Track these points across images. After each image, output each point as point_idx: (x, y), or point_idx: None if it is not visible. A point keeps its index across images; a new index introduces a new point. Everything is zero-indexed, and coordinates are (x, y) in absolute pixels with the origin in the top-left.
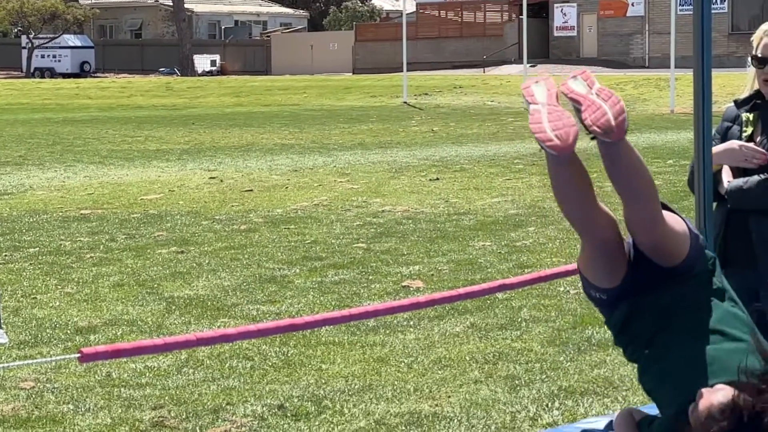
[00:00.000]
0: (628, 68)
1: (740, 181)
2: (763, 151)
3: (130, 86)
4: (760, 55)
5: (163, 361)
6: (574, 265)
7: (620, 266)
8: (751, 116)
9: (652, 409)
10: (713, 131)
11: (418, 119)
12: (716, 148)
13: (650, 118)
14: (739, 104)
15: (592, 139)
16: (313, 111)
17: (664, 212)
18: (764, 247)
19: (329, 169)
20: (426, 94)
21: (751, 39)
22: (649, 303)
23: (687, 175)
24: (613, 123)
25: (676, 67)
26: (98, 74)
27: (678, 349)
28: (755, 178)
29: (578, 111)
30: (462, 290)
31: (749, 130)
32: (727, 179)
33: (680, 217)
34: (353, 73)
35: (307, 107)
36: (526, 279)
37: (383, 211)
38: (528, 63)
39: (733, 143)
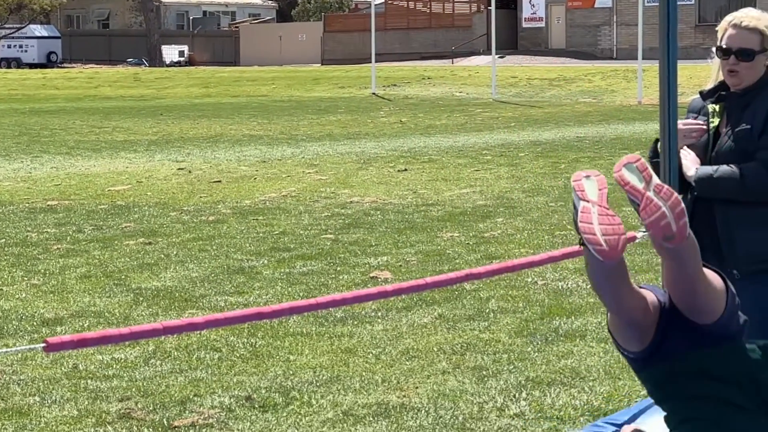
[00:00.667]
0: (596, 59)
1: (710, 170)
2: (701, 122)
3: (97, 77)
4: (724, 46)
5: (131, 353)
6: (541, 256)
7: (649, 331)
8: (717, 107)
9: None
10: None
11: (386, 110)
12: None
13: (618, 109)
14: (704, 95)
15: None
16: (281, 102)
17: (704, 269)
18: (729, 236)
19: (298, 161)
20: (395, 85)
21: (717, 29)
22: (690, 365)
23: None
24: (674, 228)
25: (643, 58)
26: (65, 65)
27: (731, 421)
28: (725, 168)
29: (635, 205)
30: (429, 279)
31: (716, 121)
32: (694, 166)
33: (719, 274)
34: (322, 64)
35: (275, 98)
36: (493, 269)
37: (351, 202)
38: (496, 54)
39: (678, 123)
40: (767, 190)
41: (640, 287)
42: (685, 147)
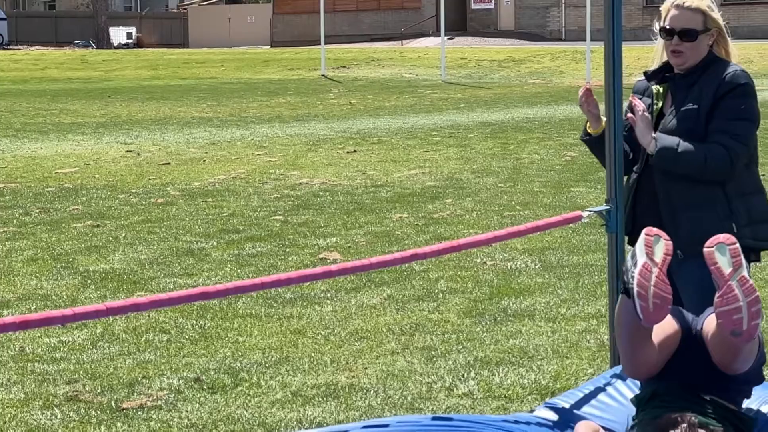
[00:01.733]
0: (544, 41)
1: (673, 142)
2: (642, 106)
3: (44, 59)
4: (668, 27)
5: (78, 336)
6: (486, 235)
7: (662, 362)
8: (660, 88)
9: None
10: (624, 107)
11: (336, 92)
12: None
13: (567, 90)
14: (649, 76)
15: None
16: (230, 84)
17: None
18: (672, 217)
19: (247, 142)
20: (344, 67)
21: (660, 9)
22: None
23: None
24: (744, 326)
25: (591, 39)
26: (11, 47)
27: None
28: (688, 144)
29: (715, 285)
30: (374, 259)
31: (660, 102)
32: (650, 134)
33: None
34: (271, 46)
35: (224, 80)
36: (439, 249)
37: (301, 183)
38: (446, 36)
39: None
40: (724, 173)
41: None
42: (639, 114)
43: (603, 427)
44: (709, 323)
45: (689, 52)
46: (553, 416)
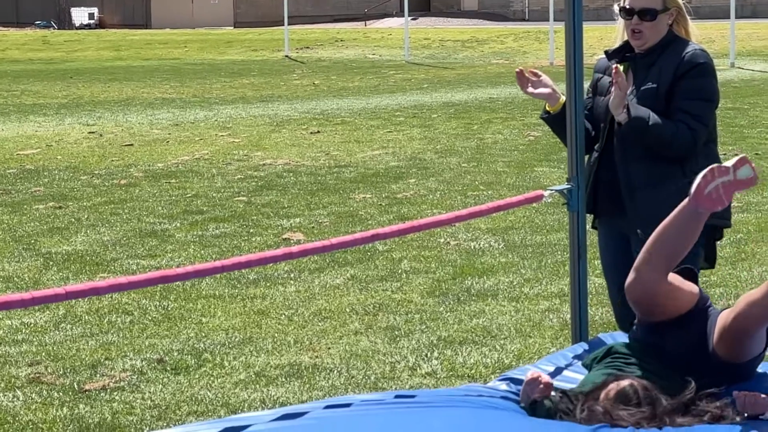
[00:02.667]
0: (508, 21)
1: (645, 113)
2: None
3: (5, 39)
4: (627, 6)
5: (40, 317)
6: (448, 215)
7: (675, 311)
8: (621, 67)
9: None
10: (587, 87)
11: (299, 73)
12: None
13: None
14: (609, 55)
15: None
16: (194, 65)
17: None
18: (630, 194)
19: (210, 123)
20: (308, 47)
21: None
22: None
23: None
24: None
25: (554, 20)
26: None
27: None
28: (659, 119)
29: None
30: (335, 240)
31: None
32: (623, 103)
33: None
34: (234, 27)
35: (188, 61)
36: (400, 228)
37: (264, 164)
38: (409, 16)
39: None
40: (686, 151)
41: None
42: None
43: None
44: (728, 313)
45: (648, 32)
46: (511, 387)
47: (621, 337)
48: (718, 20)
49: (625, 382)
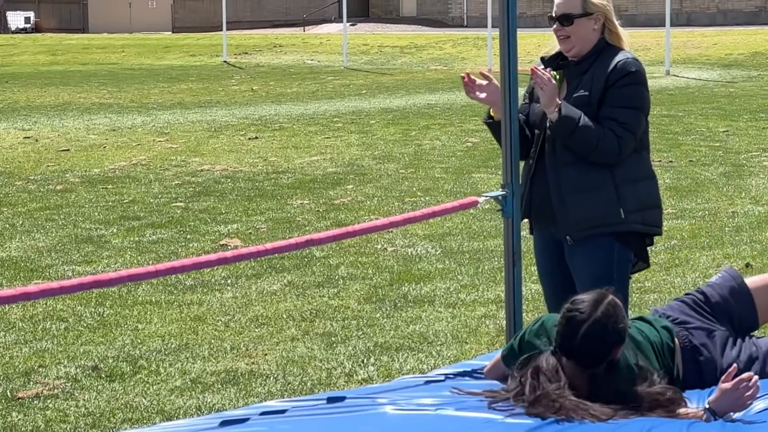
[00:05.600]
0: (447, 27)
1: (575, 114)
2: (544, 74)
3: None
4: (552, 14)
5: None
6: (382, 221)
7: None
8: (557, 74)
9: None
10: (522, 93)
11: (237, 78)
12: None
13: None
14: (546, 62)
15: None
16: (132, 70)
17: None
18: (560, 201)
19: (148, 129)
20: (246, 53)
21: None
22: None
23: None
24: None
25: (492, 26)
26: None
27: None
28: (589, 122)
29: None
30: (269, 245)
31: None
32: (554, 103)
33: None
34: (173, 32)
35: (125, 66)
36: (335, 234)
37: (202, 170)
38: (348, 22)
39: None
40: (610, 158)
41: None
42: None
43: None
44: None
45: (573, 37)
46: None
47: None
48: (654, 28)
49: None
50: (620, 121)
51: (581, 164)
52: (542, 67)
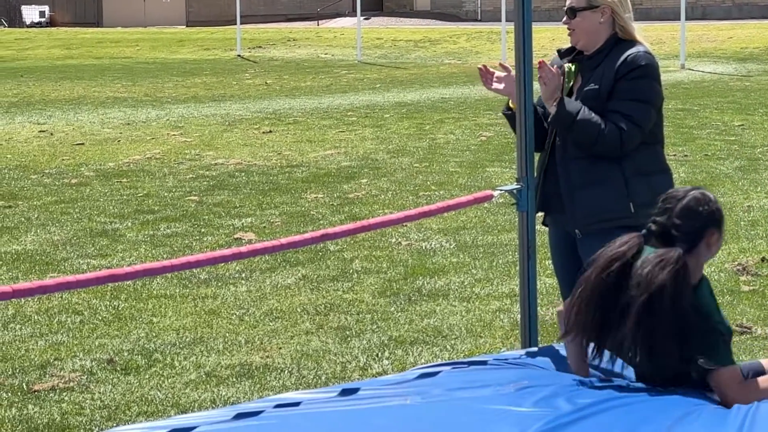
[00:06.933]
0: (460, 21)
1: (574, 108)
2: (551, 69)
3: None
4: (566, 8)
5: None
6: (397, 215)
7: None
8: (572, 67)
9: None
10: (536, 86)
11: (251, 72)
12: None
13: None
14: (561, 54)
15: None
16: (146, 64)
17: None
18: (570, 194)
19: (162, 123)
20: (260, 47)
21: None
22: None
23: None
24: None
25: (507, 20)
26: None
27: None
28: (589, 114)
29: None
30: (284, 240)
31: (570, 81)
32: (554, 96)
33: None
34: (187, 26)
35: (139, 60)
36: (350, 228)
37: (216, 164)
38: (362, 16)
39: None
40: (613, 151)
41: None
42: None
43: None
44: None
45: (578, 30)
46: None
47: None
48: (669, 22)
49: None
50: (625, 113)
51: (591, 157)
52: (555, 59)
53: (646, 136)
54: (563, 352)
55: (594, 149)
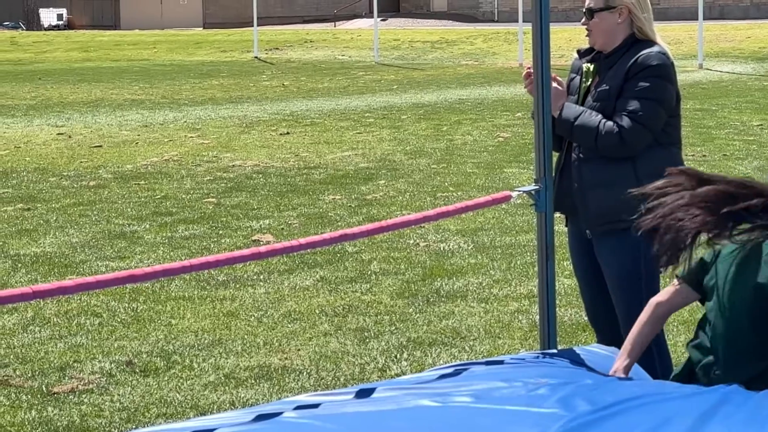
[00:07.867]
0: (477, 22)
1: (572, 113)
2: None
3: None
4: (584, 9)
5: (8, 320)
6: (416, 215)
7: None
8: (591, 67)
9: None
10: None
11: (269, 74)
12: None
13: (499, 71)
14: (581, 54)
15: None
16: (163, 66)
17: None
18: (582, 195)
19: (180, 125)
20: (277, 48)
21: None
22: None
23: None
24: None
25: (524, 21)
26: None
27: None
28: (588, 117)
29: None
30: (303, 240)
31: (588, 81)
32: (559, 102)
33: None
34: (204, 28)
35: (157, 62)
36: (368, 229)
37: (234, 165)
38: (379, 17)
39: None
40: (614, 148)
41: None
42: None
43: None
44: None
45: (595, 30)
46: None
47: (594, 353)
48: (686, 21)
49: None
50: (628, 111)
51: (603, 158)
52: (574, 60)
53: (661, 137)
54: (583, 354)
55: (597, 150)
